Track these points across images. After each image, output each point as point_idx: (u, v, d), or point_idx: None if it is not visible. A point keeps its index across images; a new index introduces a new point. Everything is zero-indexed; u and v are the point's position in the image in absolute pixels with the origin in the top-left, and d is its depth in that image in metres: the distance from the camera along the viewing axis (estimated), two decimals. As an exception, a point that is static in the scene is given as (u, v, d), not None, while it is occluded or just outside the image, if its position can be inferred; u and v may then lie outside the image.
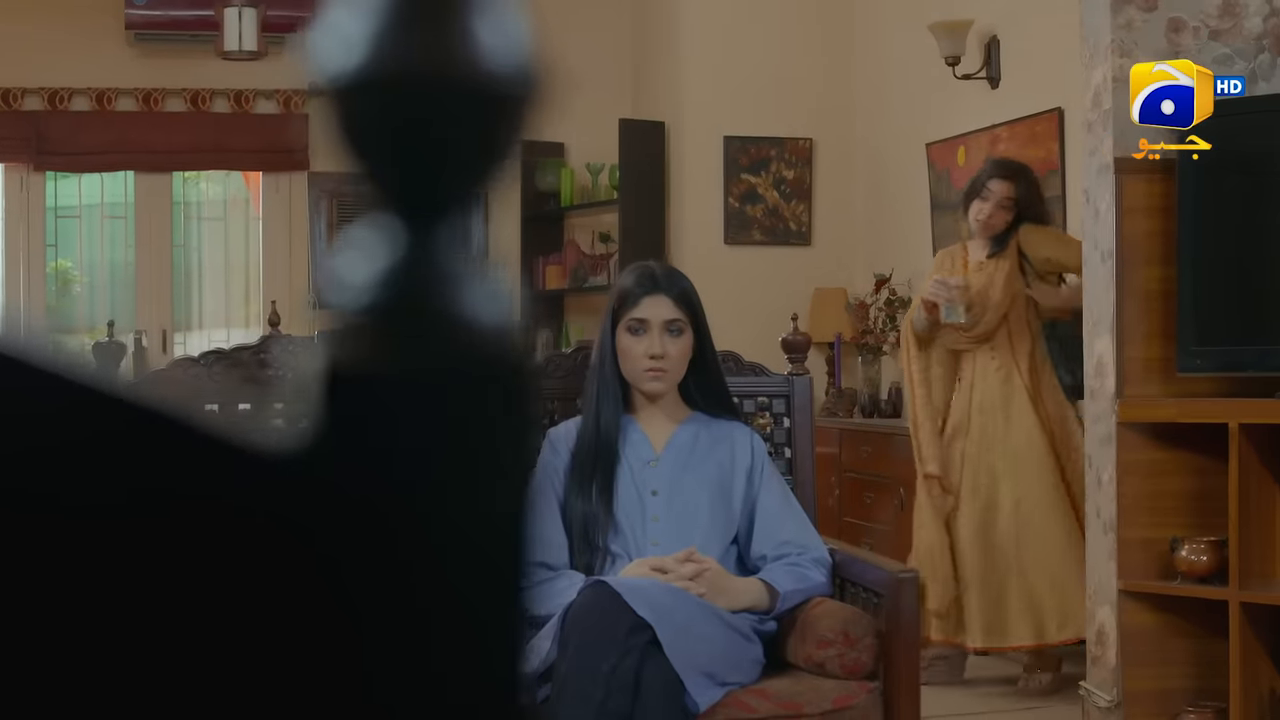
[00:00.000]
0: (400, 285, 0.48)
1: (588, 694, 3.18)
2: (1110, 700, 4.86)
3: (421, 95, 0.49)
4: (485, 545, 0.48)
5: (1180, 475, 4.77)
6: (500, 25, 0.49)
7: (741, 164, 9.11)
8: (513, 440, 0.49)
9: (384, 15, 0.49)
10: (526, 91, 0.51)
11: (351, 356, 0.47)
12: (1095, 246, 4.95)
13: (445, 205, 0.50)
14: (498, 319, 0.49)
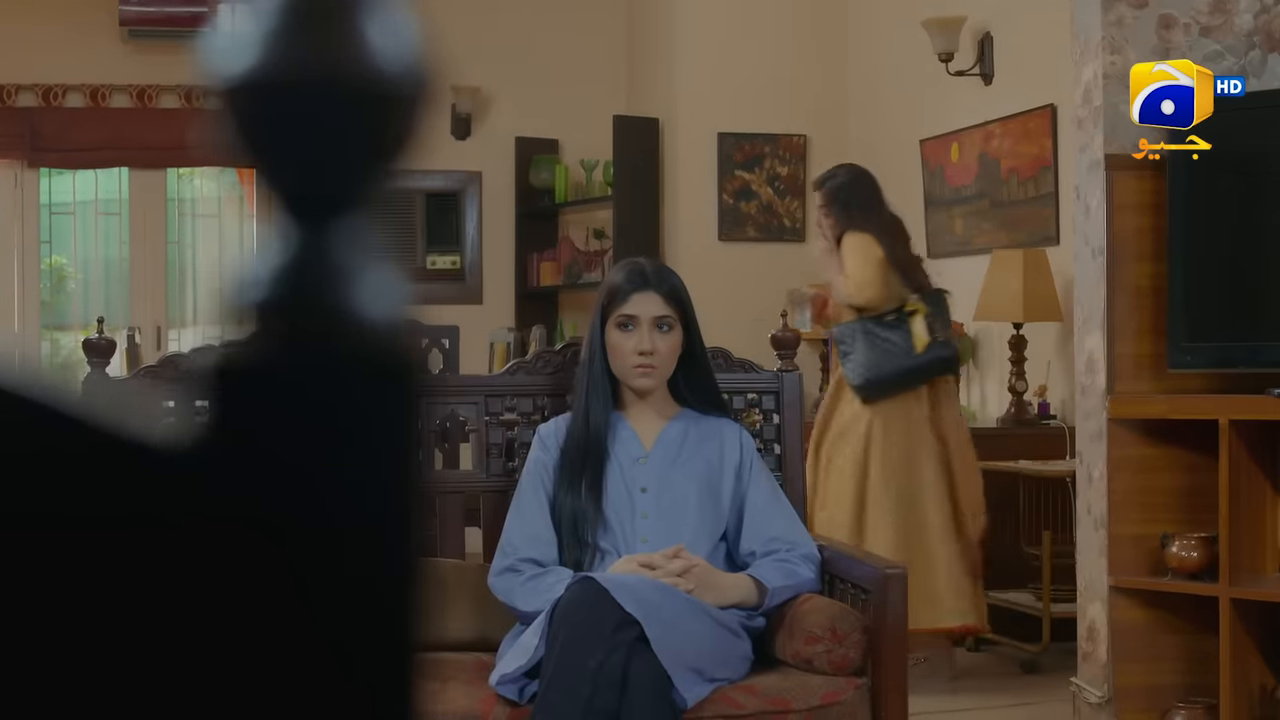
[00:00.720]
0: (293, 283, 0.48)
1: (575, 690, 3.18)
2: (1101, 696, 4.86)
3: (314, 96, 0.49)
4: (377, 536, 0.48)
5: (1171, 471, 4.77)
6: (391, 26, 0.50)
7: (735, 160, 9.11)
8: (402, 434, 0.49)
9: (277, 17, 0.49)
10: (417, 92, 0.51)
11: (244, 352, 0.47)
12: (1086, 243, 4.95)
13: (339, 204, 0.50)
14: (389, 316, 0.50)
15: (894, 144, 8.58)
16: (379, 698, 0.48)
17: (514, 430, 4.13)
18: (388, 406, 0.49)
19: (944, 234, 8.11)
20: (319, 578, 0.47)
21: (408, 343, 0.50)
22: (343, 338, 0.48)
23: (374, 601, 0.47)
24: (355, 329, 0.49)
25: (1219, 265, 4.70)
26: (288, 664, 0.48)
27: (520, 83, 9.96)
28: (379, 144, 0.51)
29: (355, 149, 0.50)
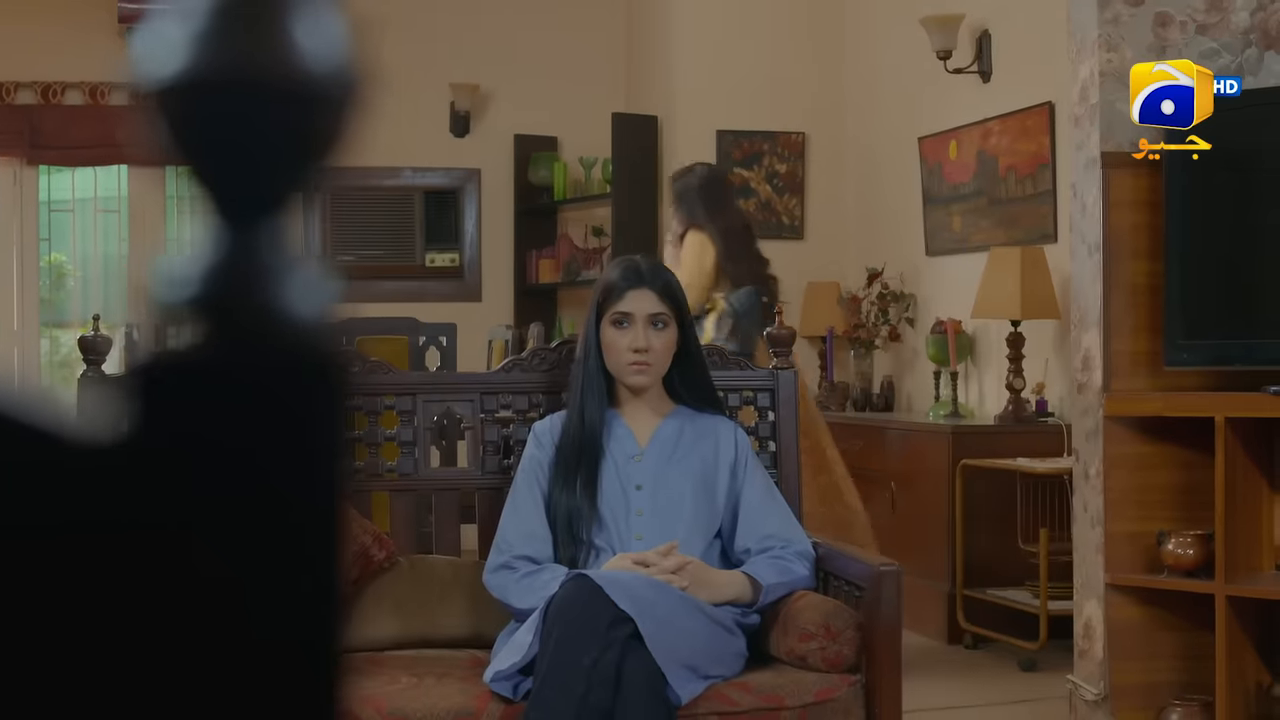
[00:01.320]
0: (222, 282, 0.48)
1: (569, 687, 3.18)
2: (1097, 693, 4.86)
3: (243, 97, 0.49)
4: (301, 532, 0.48)
5: (1167, 469, 4.77)
6: (319, 28, 0.50)
7: (734, 158, 9.10)
8: (329, 433, 0.50)
9: (205, 19, 0.49)
10: (345, 93, 0.51)
11: (171, 352, 0.47)
12: (1083, 240, 4.95)
13: (267, 204, 0.50)
14: (316, 316, 0.50)
15: (892, 141, 8.58)
16: (304, 693, 0.48)
17: (510, 428, 4.13)
18: (314, 405, 0.50)
19: (942, 231, 8.11)
20: (245, 576, 0.48)
21: (334, 342, 0.50)
22: (270, 337, 0.48)
23: (299, 599, 0.48)
24: (283, 329, 0.49)
25: (1215, 263, 4.70)
26: (213, 661, 0.48)
27: (519, 80, 9.96)
28: (308, 144, 0.51)
29: (284, 149, 0.51)
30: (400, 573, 3.95)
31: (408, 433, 4.10)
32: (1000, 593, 6.50)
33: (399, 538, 4.06)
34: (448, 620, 3.92)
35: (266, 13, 0.49)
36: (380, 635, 3.88)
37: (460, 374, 5.72)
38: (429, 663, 3.68)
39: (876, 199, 8.86)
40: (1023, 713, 5.58)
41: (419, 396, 4.12)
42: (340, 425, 0.50)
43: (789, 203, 9.17)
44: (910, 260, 8.40)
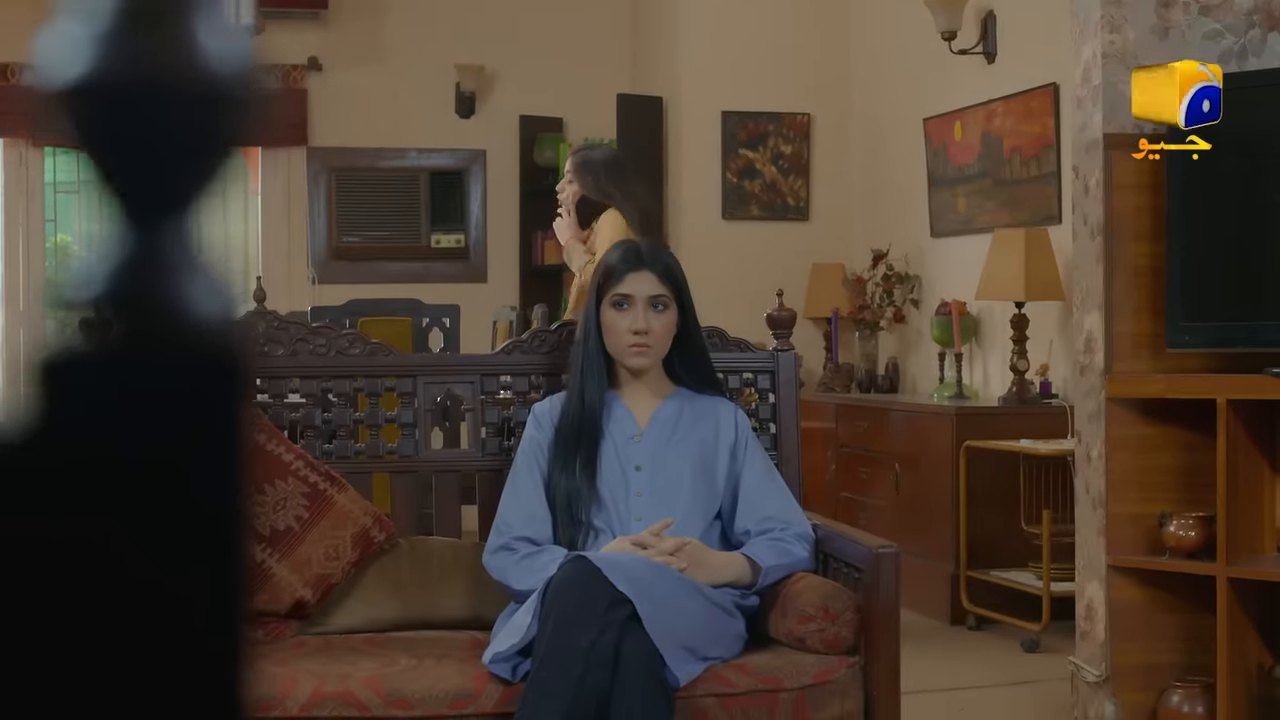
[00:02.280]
0: (124, 280, 0.49)
1: (567, 669, 3.18)
2: (1099, 675, 4.86)
3: (144, 98, 0.49)
4: (203, 528, 0.49)
5: (1169, 451, 4.77)
6: (221, 30, 0.50)
7: (739, 139, 9.10)
8: (229, 428, 0.50)
9: (107, 20, 0.49)
10: (247, 93, 0.51)
11: (72, 346, 0.47)
12: (1085, 222, 4.94)
13: (171, 203, 0.50)
14: (220, 314, 0.50)
15: (897, 122, 8.57)
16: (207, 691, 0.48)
17: (510, 409, 4.14)
18: (216, 403, 0.50)
19: (947, 213, 8.10)
20: (147, 571, 0.48)
21: (238, 340, 0.50)
22: (173, 335, 0.49)
23: (201, 596, 0.48)
24: (185, 326, 0.49)
25: (1218, 245, 4.69)
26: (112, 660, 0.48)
27: (524, 61, 9.95)
28: (210, 144, 0.51)
29: (187, 149, 0.51)
30: (400, 554, 3.96)
31: (408, 414, 4.11)
32: (1003, 574, 6.51)
33: (399, 519, 4.07)
34: (448, 602, 3.93)
35: (168, 14, 0.49)
36: (380, 616, 3.89)
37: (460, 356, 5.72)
38: (428, 644, 3.68)
39: (881, 180, 8.85)
40: (1025, 694, 5.59)
41: (419, 378, 4.12)
42: (242, 422, 0.50)
43: (794, 184, 9.16)
44: (915, 242, 8.39)
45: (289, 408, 4.06)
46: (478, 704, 3.32)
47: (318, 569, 3.82)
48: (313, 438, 4.06)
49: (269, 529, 3.81)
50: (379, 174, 9.94)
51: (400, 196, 9.98)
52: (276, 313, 4.19)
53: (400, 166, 9.96)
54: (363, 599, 3.90)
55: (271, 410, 4.02)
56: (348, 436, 4.08)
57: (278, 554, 3.80)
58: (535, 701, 3.19)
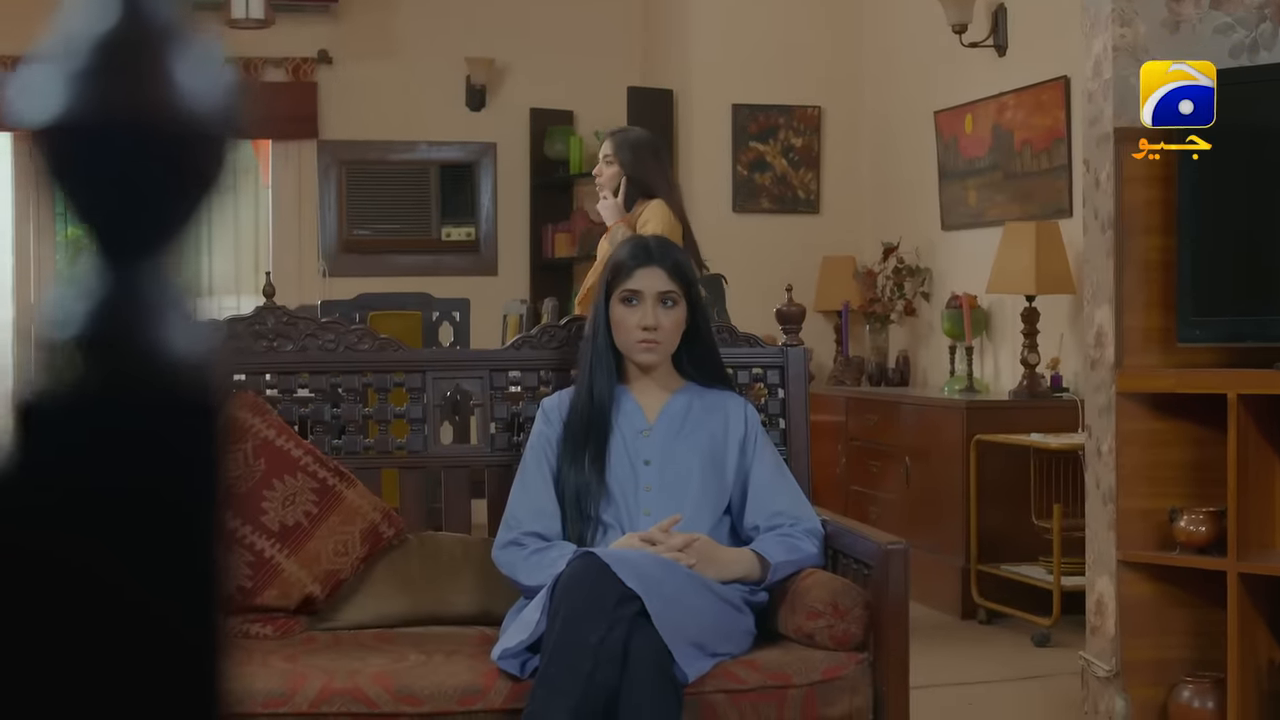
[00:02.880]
0: (102, 320, 0.48)
1: (576, 665, 3.18)
2: (1109, 670, 4.86)
3: (122, 137, 0.49)
4: (182, 573, 0.48)
5: (1179, 446, 4.75)
6: (199, 68, 0.49)
7: (750, 132, 9.09)
8: (206, 471, 0.49)
9: (83, 58, 0.49)
10: (225, 131, 0.51)
11: (50, 386, 0.47)
12: (1095, 216, 4.93)
13: (149, 242, 0.50)
14: (196, 353, 0.49)
15: (908, 115, 8.56)
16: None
17: (519, 404, 4.14)
18: (193, 445, 0.49)
19: (958, 206, 8.09)
20: (123, 616, 0.47)
21: (215, 382, 0.49)
22: (150, 377, 0.48)
23: (178, 639, 0.47)
24: (163, 368, 0.48)
25: (1229, 239, 4.68)
26: (90, 698, 0.48)
27: (535, 54, 9.95)
28: (188, 183, 0.51)
29: (165, 188, 0.50)
30: (410, 550, 3.96)
31: (417, 410, 4.10)
32: (1014, 568, 6.50)
33: (408, 515, 4.07)
34: (457, 597, 3.93)
35: (145, 52, 0.48)
36: (390, 612, 3.89)
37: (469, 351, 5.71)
38: (438, 640, 3.68)
39: (892, 173, 8.84)
40: (1035, 689, 5.58)
41: (428, 374, 4.12)
42: (219, 465, 0.50)
43: (804, 177, 9.15)
44: (926, 234, 8.38)
45: (298, 403, 4.06)
46: (486, 700, 3.32)
47: (327, 565, 3.83)
48: (322, 433, 4.06)
49: (278, 525, 3.81)
50: (389, 167, 9.94)
51: (411, 189, 9.98)
52: (285, 308, 4.18)
53: (411, 159, 9.96)
54: (372, 595, 3.90)
55: (281, 405, 4.02)
56: (357, 432, 4.08)
57: (287, 549, 3.80)
58: (544, 698, 3.19)
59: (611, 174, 5.79)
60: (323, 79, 9.78)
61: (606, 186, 5.80)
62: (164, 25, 0.48)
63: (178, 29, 0.48)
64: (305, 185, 9.82)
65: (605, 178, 5.82)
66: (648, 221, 5.64)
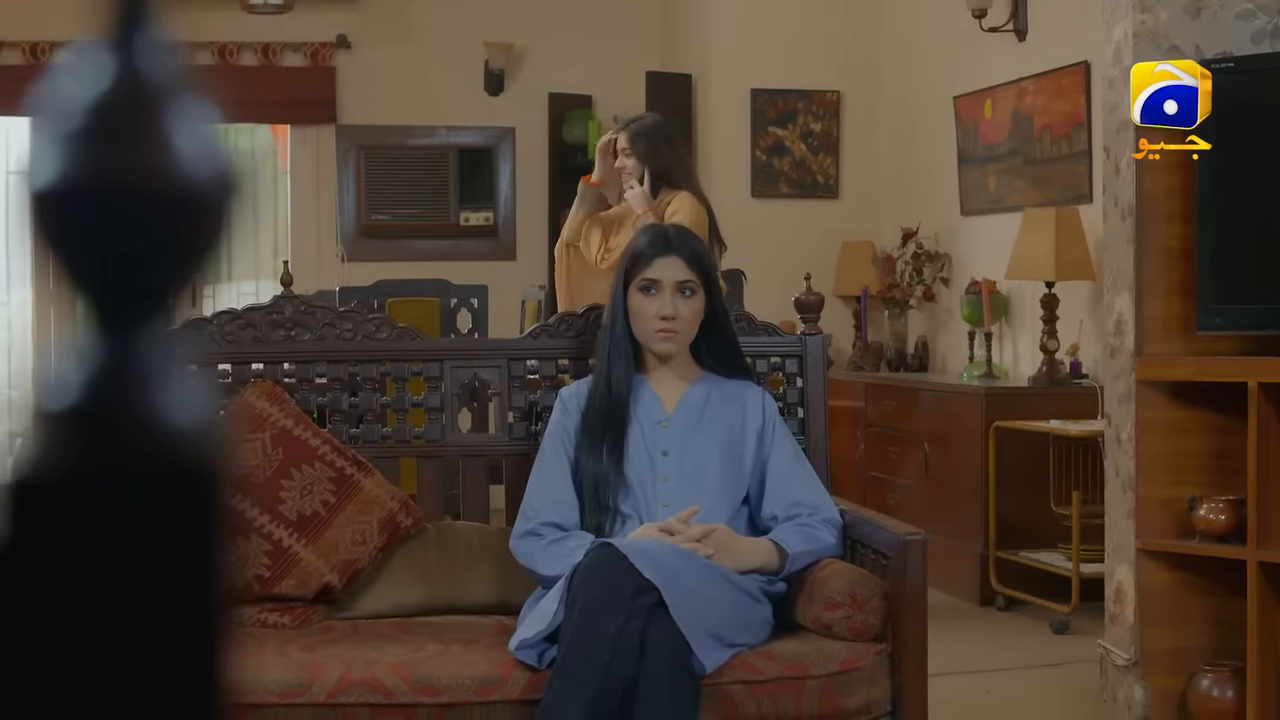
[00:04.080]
0: (98, 390, 0.47)
1: (593, 656, 3.18)
2: (1128, 658, 4.85)
3: (115, 203, 0.48)
4: (180, 645, 0.48)
5: (1199, 434, 4.74)
6: (196, 134, 0.49)
7: (769, 116, 9.07)
8: (205, 543, 0.49)
9: (79, 123, 0.48)
10: (223, 197, 0.50)
11: (45, 460, 0.46)
12: (1115, 203, 4.91)
13: (145, 309, 0.49)
14: (193, 421, 0.49)
15: (927, 100, 8.53)
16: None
17: (537, 393, 4.13)
18: (191, 517, 0.49)
19: (977, 191, 8.07)
20: (120, 690, 0.47)
21: (212, 450, 0.49)
22: (147, 447, 0.47)
23: (179, 708, 0.47)
24: (159, 438, 0.48)
25: (1249, 226, 4.66)
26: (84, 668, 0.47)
27: (553, 38, 9.93)
28: (184, 248, 0.50)
29: (161, 254, 0.50)
30: (428, 539, 3.96)
31: (435, 399, 4.10)
32: (1032, 555, 6.49)
33: (426, 504, 4.07)
34: (475, 587, 3.93)
35: (141, 115, 0.48)
36: (407, 601, 3.89)
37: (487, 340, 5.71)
38: (455, 629, 3.69)
39: (911, 158, 8.82)
40: (1054, 676, 5.57)
41: (446, 362, 4.12)
42: (218, 536, 0.49)
43: (824, 162, 9.13)
44: (945, 220, 8.36)
45: (316, 391, 4.06)
46: (504, 690, 3.32)
47: (345, 554, 3.83)
48: (340, 422, 4.06)
49: (296, 514, 3.81)
50: (408, 151, 9.94)
51: (429, 174, 9.98)
52: (302, 297, 4.18)
53: (429, 144, 9.95)
54: (390, 584, 3.91)
55: (299, 395, 4.02)
56: (375, 421, 4.08)
57: (304, 539, 3.80)
58: (561, 688, 3.19)
59: (633, 165, 5.78)
60: (341, 64, 9.77)
61: (632, 175, 5.78)
62: (160, 88, 0.47)
63: (174, 91, 0.47)
64: (324, 170, 9.82)
65: (629, 169, 5.80)
66: (675, 212, 5.63)
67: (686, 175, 5.83)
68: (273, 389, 3.96)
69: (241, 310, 4.08)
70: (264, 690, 3.28)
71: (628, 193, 5.77)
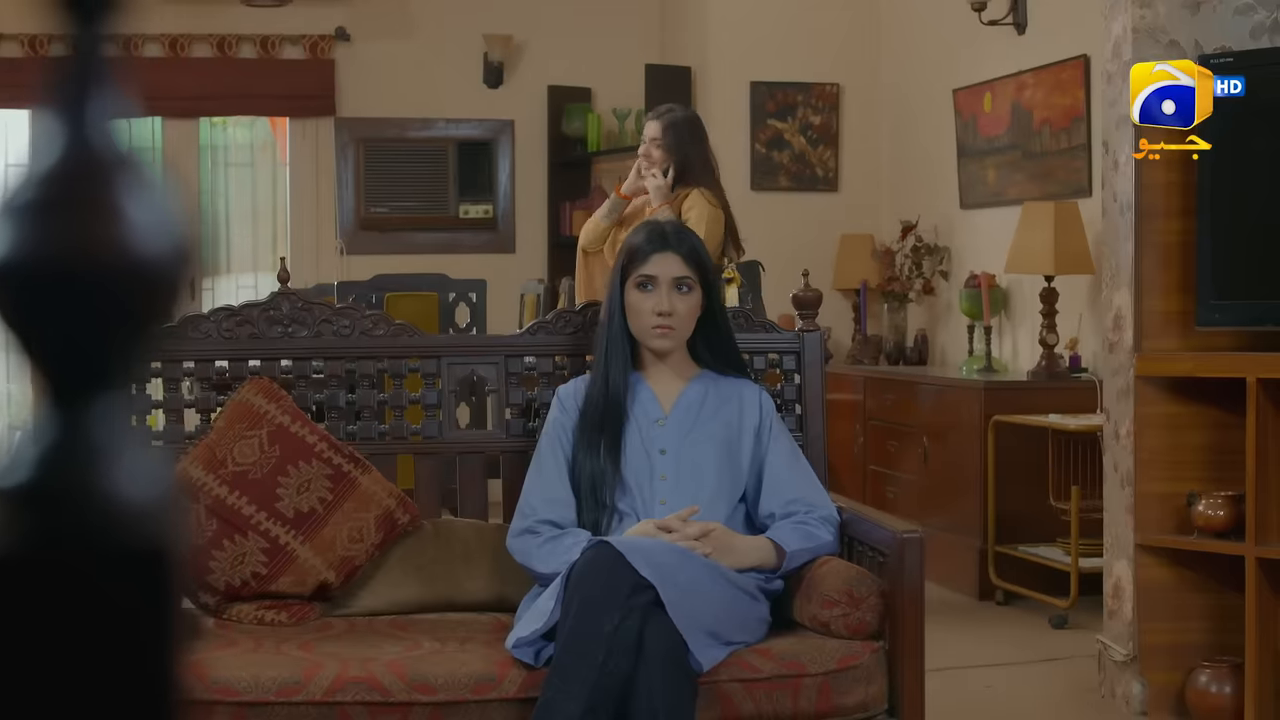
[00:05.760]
0: (50, 468, 0.47)
1: (589, 654, 3.18)
2: (1126, 654, 4.85)
3: (69, 280, 0.47)
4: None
5: (1198, 429, 4.74)
6: (152, 208, 0.48)
7: (768, 109, 9.06)
8: (160, 625, 0.48)
9: (30, 195, 0.47)
10: (177, 271, 0.49)
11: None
12: (1115, 198, 4.91)
13: (99, 384, 0.48)
14: (146, 499, 0.48)
15: (927, 93, 8.52)
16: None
17: (534, 390, 4.13)
18: (144, 596, 0.48)
19: (976, 184, 8.06)
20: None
21: (164, 529, 0.48)
22: (97, 526, 0.47)
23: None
24: (111, 518, 0.47)
25: (1248, 222, 4.65)
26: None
27: (553, 31, 9.92)
28: (138, 322, 0.49)
29: (114, 331, 0.49)
30: (425, 536, 3.95)
31: (432, 396, 4.10)
32: (1031, 549, 6.48)
33: (423, 501, 4.06)
34: (472, 584, 3.92)
35: (93, 187, 0.47)
36: (404, 599, 3.89)
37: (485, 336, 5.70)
38: (452, 627, 3.68)
39: (911, 151, 8.81)
40: (1052, 671, 5.56)
41: (443, 359, 4.11)
42: (173, 617, 0.48)
43: (823, 154, 9.12)
44: (944, 213, 8.35)
45: (313, 388, 4.05)
46: (500, 689, 3.31)
47: (341, 551, 3.82)
48: (337, 419, 4.05)
49: (293, 511, 3.81)
50: (407, 144, 9.92)
51: (428, 167, 9.96)
52: (300, 294, 4.18)
53: (428, 137, 9.94)
54: (387, 581, 3.90)
55: (296, 391, 4.01)
56: (372, 418, 4.08)
57: (301, 536, 3.79)
58: (558, 687, 3.19)
59: (660, 156, 5.75)
60: (340, 56, 9.76)
61: (656, 165, 5.75)
62: (113, 159, 0.46)
63: (127, 163, 0.47)
64: (323, 163, 9.81)
65: (655, 159, 5.77)
66: (691, 209, 5.63)
67: (709, 174, 5.81)
68: (270, 386, 3.95)
69: (238, 307, 4.08)
70: (261, 688, 3.28)
71: (648, 181, 5.75)
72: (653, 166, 5.75)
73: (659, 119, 5.85)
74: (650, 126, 5.84)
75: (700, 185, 5.70)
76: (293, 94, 9.66)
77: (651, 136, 5.79)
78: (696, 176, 5.72)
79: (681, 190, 5.70)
